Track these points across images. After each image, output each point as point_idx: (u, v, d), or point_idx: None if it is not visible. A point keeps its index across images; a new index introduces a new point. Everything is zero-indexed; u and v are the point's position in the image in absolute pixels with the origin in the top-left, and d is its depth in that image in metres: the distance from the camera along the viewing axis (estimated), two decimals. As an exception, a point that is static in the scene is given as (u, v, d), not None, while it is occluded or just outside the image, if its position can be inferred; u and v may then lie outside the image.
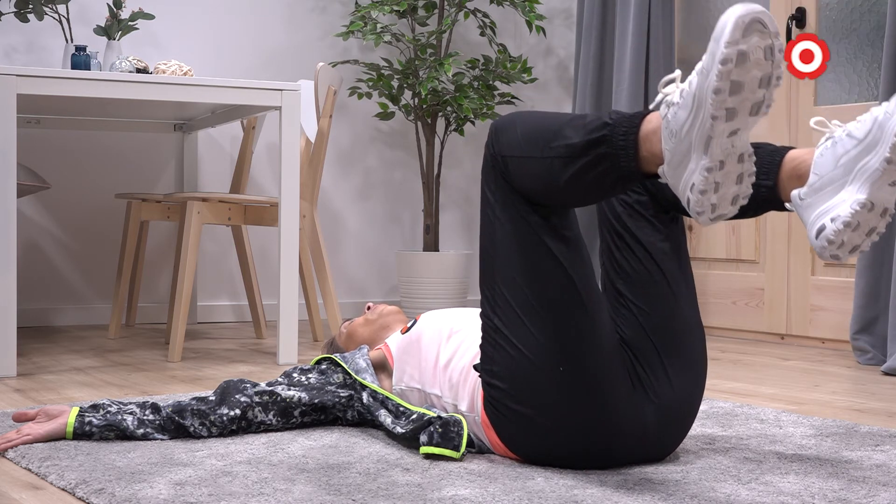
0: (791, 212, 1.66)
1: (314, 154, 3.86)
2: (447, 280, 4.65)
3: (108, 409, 2.02)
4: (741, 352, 3.70)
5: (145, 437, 2.00)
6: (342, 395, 2.10)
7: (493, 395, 1.79)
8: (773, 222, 3.99)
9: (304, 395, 2.08)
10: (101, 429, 1.99)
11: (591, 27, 4.54)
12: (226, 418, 2.03)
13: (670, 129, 1.50)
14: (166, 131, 4.41)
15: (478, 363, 1.85)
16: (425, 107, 4.66)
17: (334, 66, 4.63)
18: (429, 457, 1.86)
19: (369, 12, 4.50)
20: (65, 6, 4.14)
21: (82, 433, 1.98)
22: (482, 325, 1.81)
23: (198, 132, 4.47)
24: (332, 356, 2.15)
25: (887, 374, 3.17)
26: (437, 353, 2.01)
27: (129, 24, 4.03)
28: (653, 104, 1.57)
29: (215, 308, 4.67)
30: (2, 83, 2.94)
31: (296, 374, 2.13)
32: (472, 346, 1.95)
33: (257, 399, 2.06)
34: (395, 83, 4.77)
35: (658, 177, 1.58)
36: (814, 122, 1.63)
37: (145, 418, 2.01)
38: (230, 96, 3.26)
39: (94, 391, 2.70)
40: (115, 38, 3.99)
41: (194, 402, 2.04)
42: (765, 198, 1.69)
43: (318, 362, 2.16)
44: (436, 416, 1.88)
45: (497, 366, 1.76)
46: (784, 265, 3.96)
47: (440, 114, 4.72)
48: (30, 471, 1.82)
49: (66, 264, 4.41)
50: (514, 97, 4.84)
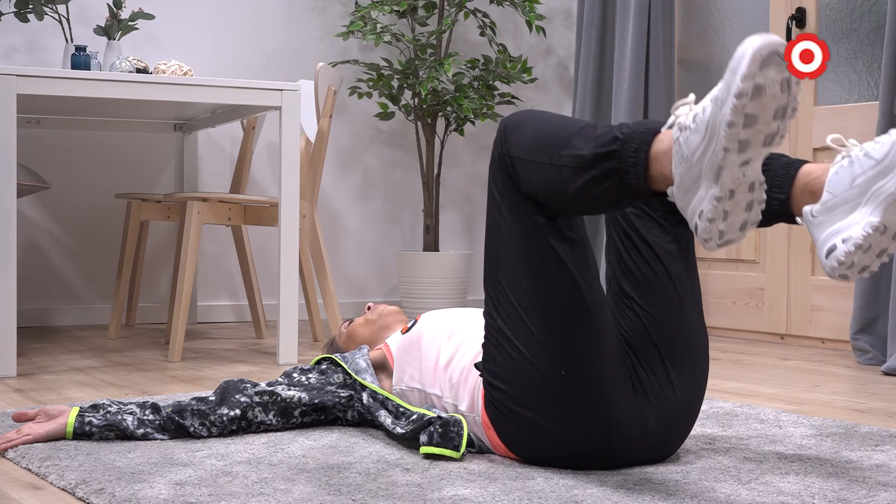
0: (800, 225, 1.64)
1: (314, 154, 3.86)
2: (447, 280, 4.65)
3: (108, 409, 2.02)
4: (741, 352, 3.70)
5: (145, 437, 2.00)
6: (342, 395, 2.10)
7: (494, 395, 1.78)
8: (773, 222, 3.99)
9: (304, 395, 2.08)
10: (101, 429, 1.99)
11: (591, 27, 4.54)
12: (226, 418, 2.03)
13: (681, 153, 1.48)
14: (166, 131, 4.41)
15: (479, 361, 1.85)
16: (425, 107, 4.66)
17: (334, 66, 4.63)
18: (429, 457, 1.86)
19: (369, 12, 4.50)
20: (65, 6, 4.14)
21: (82, 433, 1.98)
22: (485, 323, 1.80)
23: (198, 132, 4.47)
24: (332, 356, 2.15)
25: (887, 374, 3.17)
26: (437, 353, 2.01)
27: (129, 24, 4.03)
28: (665, 126, 1.54)
29: (215, 308, 4.67)
30: (2, 83, 2.94)
31: (296, 374, 2.13)
32: (473, 347, 1.94)
33: (257, 399, 2.06)
34: (395, 83, 4.77)
35: (666, 195, 1.55)
36: (830, 140, 1.60)
37: (145, 418, 2.01)
38: (230, 96, 3.26)
39: (94, 391, 2.70)
40: (115, 38, 3.99)
41: (194, 402, 2.04)
42: (776, 211, 1.67)
43: (318, 362, 2.16)
44: (436, 416, 1.88)
45: (499, 367, 1.76)
46: (784, 265, 3.96)
47: (440, 114, 4.72)
48: (30, 471, 1.81)
49: (66, 264, 4.41)
50: (514, 97, 4.84)
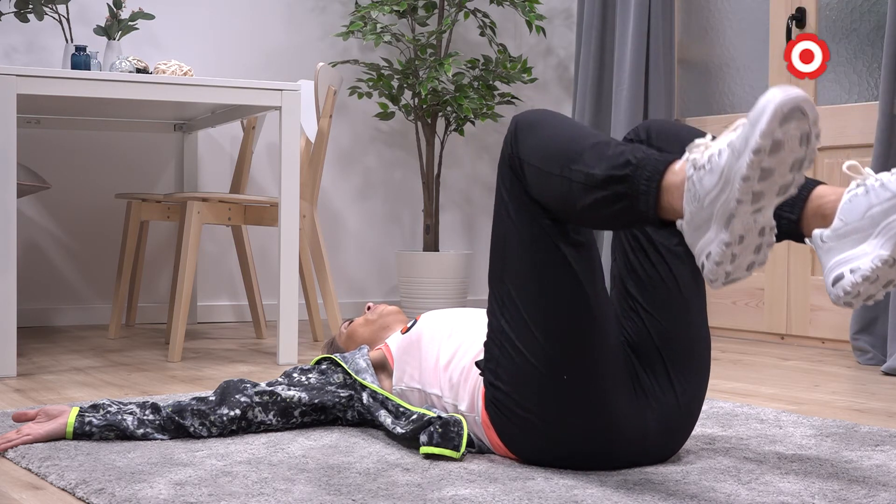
0: (807, 245, 1.63)
1: (314, 154, 3.86)
2: (447, 280, 4.65)
3: (108, 409, 2.02)
4: (741, 352, 3.70)
5: (145, 437, 2.00)
6: (342, 395, 2.10)
7: (495, 395, 1.78)
8: (773, 222, 3.99)
9: (304, 395, 2.08)
10: (101, 429, 1.99)
11: (591, 27, 4.54)
12: (226, 418, 2.03)
13: (693, 191, 1.46)
14: (166, 131, 4.41)
15: (480, 360, 1.85)
16: (425, 107, 4.66)
17: (334, 66, 4.63)
18: (429, 457, 1.86)
19: (369, 12, 4.50)
20: (65, 6, 4.14)
21: (82, 433, 1.98)
22: (488, 322, 1.80)
23: (198, 132, 4.47)
24: (332, 356, 2.15)
25: (887, 374, 3.17)
26: (437, 353, 2.01)
27: (129, 24, 4.03)
28: (678, 163, 1.51)
29: (215, 308, 4.67)
30: (2, 83, 2.94)
31: (296, 374, 2.13)
32: (473, 347, 1.94)
33: (257, 399, 2.06)
34: (395, 83, 4.77)
35: (675, 225, 1.53)
36: (846, 167, 1.58)
37: (145, 418, 2.01)
38: (230, 96, 3.26)
39: (94, 391, 2.70)
40: (115, 38, 3.99)
41: (194, 402, 2.04)
42: (785, 230, 1.65)
43: (318, 362, 2.16)
44: (436, 416, 1.88)
45: (500, 367, 1.76)
46: (784, 265, 3.96)
47: (440, 114, 4.72)
48: (30, 471, 1.81)
49: (66, 264, 4.41)
50: (514, 97, 4.84)
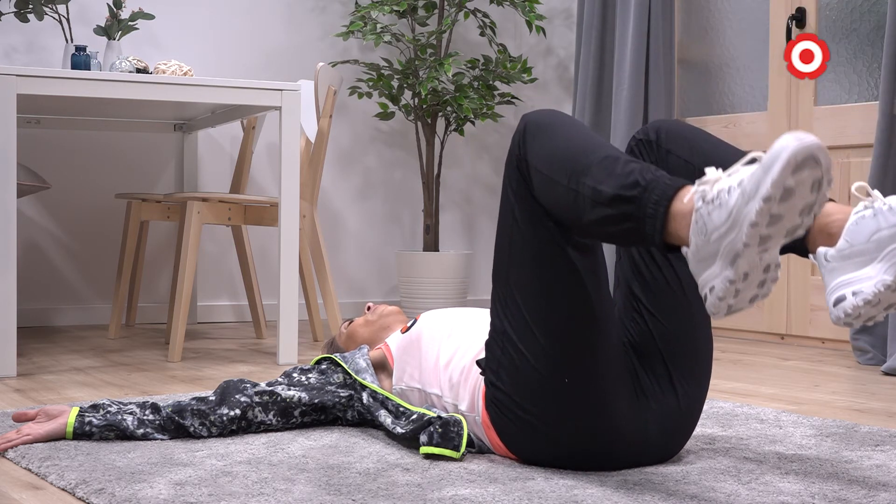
0: (810, 260, 1.63)
1: (314, 154, 3.86)
2: (447, 280, 4.65)
3: (108, 409, 2.02)
4: (741, 352, 3.70)
5: (145, 437, 2.00)
6: (342, 395, 2.10)
7: (496, 396, 1.78)
8: (773, 222, 3.99)
9: (304, 395, 2.08)
10: (101, 429, 1.99)
11: (591, 27, 4.54)
12: (226, 418, 2.03)
13: (700, 224, 1.44)
14: (166, 131, 4.41)
15: (481, 359, 1.84)
16: (425, 107, 4.66)
17: (334, 66, 4.63)
18: (429, 457, 1.86)
19: (369, 12, 4.50)
20: (65, 6, 4.14)
21: (82, 433, 1.98)
22: (491, 322, 1.80)
23: (198, 132, 4.47)
24: (332, 356, 2.15)
25: (887, 374, 3.17)
26: (437, 352, 2.00)
27: (129, 24, 4.03)
28: (687, 192, 1.48)
29: (215, 308, 4.67)
30: (2, 83, 2.94)
31: (296, 374, 2.13)
32: (473, 346, 1.94)
33: (257, 399, 2.06)
34: (395, 83, 4.77)
35: (679, 250, 1.52)
36: (854, 189, 1.56)
37: (145, 418, 2.01)
38: (230, 96, 3.26)
39: (94, 391, 2.70)
40: (115, 38, 3.99)
41: (194, 402, 2.04)
42: (790, 245, 1.64)
43: (318, 362, 2.16)
44: (436, 416, 1.88)
45: (502, 368, 1.76)
46: (784, 265, 3.96)
47: (440, 114, 4.72)
48: (30, 471, 1.81)
49: (66, 264, 4.41)
50: (514, 97, 4.84)
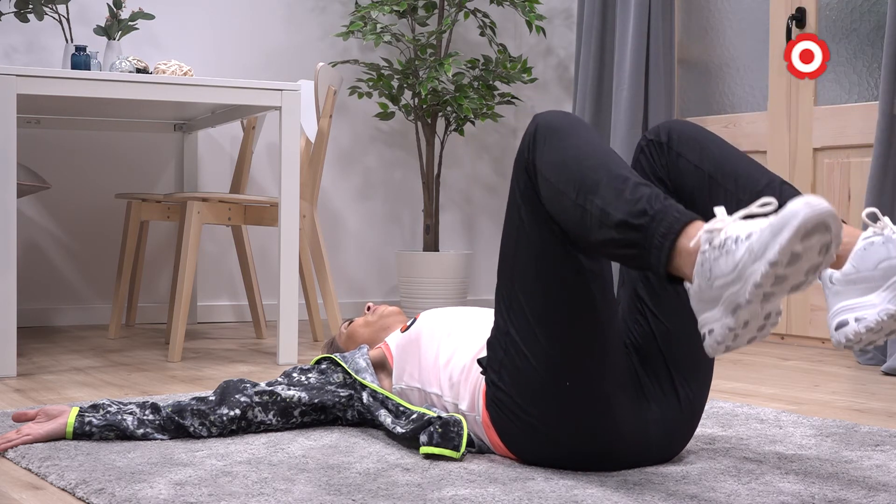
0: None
1: (314, 154, 3.86)
2: (447, 280, 4.65)
3: (108, 409, 2.02)
4: (741, 352, 3.70)
5: (145, 437, 2.00)
6: (342, 394, 2.10)
7: (497, 396, 1.78)
8: (773, 222, 3.99)
9: (304, 394, 2.08)
10: (101, 429, 1.99)
11: (591, 27, 4.54)
12: (226, 418, 2.03)
13: (705, 268, 1.42)
14: (166, 131, 4.41)
15: (482, 357, 1.84)
16: (425, 107, 4.66)
17: (334, 66, 4.63)
18: (429, 457, 1.86)
19: (369, 12, 4.50)
20: (65, 6, 4.14)
21: (82, 433, 1.98)
22: (495, 321, 1.79)
23: (198, 132, 4.47)
24: (332, 356, 2.15)
25: (887, 374, 3.17)
26: (436, 351, 2.00)
27: (129, 24, 4.03)
28: (694, 231, 1.47)
29: (215, 308, 4.67)
30: (2, 83, 2.94)
31: (296, 374, 2.13)
32: (473, 345, 1.94)
33: (257, 399, 2.06)
34: (395, 83, 4.77)
35: (681, 281, 1.51)
36: (865, 215, 1.56)
37: (145, 418, 2.01)
38: (230, 96, 3.26)
39: (94, 391, 2.70)
40: (115, 38, 3.99)
41: (194, 402, 2.04)
42: None
43: (318, 362, 2.16)
44: (436, 416, 1.88)
45: (504, 369, 1.76)
46: (784, 265, 3.95)
47: (440, 114, 4.72)
48: (30, 471, 1.81)
49: (66, 264, 4.41)
50: (514, 97, 4.84)
